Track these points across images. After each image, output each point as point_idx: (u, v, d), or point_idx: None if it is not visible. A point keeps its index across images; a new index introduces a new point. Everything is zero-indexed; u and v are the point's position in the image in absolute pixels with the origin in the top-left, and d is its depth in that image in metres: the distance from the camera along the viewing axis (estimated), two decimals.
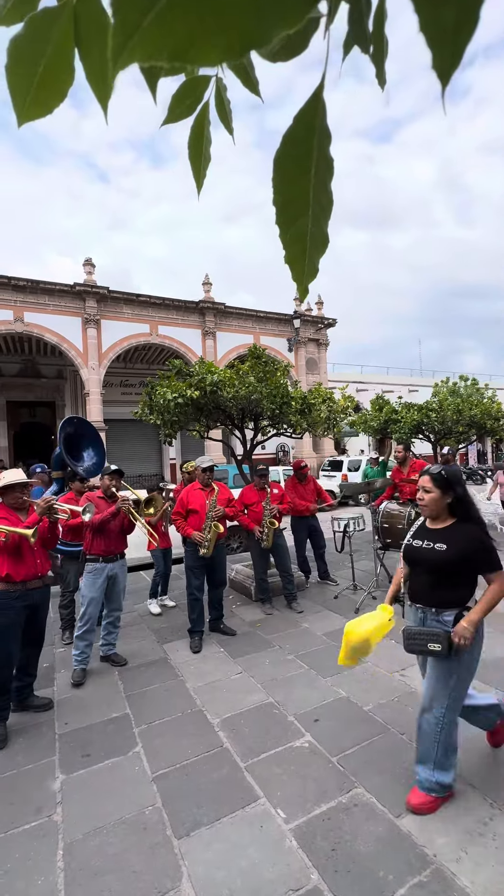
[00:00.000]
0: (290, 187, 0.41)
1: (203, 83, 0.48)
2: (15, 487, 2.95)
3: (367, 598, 4.83)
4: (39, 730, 2.84)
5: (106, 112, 0.40)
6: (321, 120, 0.39)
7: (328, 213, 0.43)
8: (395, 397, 9.51)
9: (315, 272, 0.46)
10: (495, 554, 1.99)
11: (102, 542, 3.59)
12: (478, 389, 8.43)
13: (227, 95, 0.51)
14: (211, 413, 5.36)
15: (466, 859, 1.78)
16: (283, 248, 0.45)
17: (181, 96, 0.48)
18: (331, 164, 0.42)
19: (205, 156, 0.53)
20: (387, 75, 0.47)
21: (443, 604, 2.04)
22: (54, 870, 1.84)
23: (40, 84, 0.37)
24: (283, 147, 0.40)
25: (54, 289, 13.19)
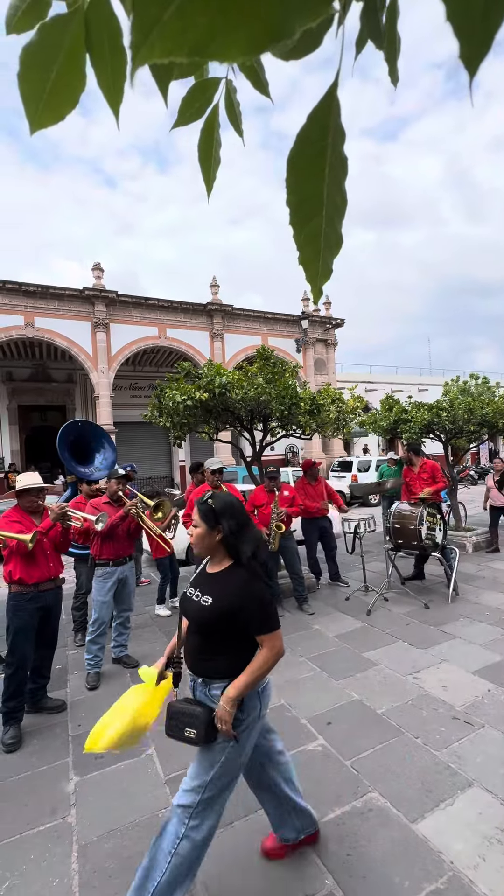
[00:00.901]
0: (304, 187, 0.41)
1: (213, 86, 0.48)
2: (31, 491, 2.97)
3: (379, 600, 4.79)
4: (53, 731, 2.86)
5: (118, 117, 0.40)
6: (335, 118, 0.38)
7: (342, 213, 0.43)
8: (404, 397, 9.42)
9: (329, 273, 0.45)
10: (272, 610, 1.59)
11: (111, 547, 3.60)
12: (489, 388, 8.31)
13: (236, 98, 0.51)
14: (220, 415, 5.37)
15: (484, 866, 1.75)
16: (297, 249, 0.44)
17: (191, 99, 0.48)
18: (345, 162, 0.41)
19: (214, 158, 0.53)
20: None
21: (210, 673, 1.59)
22: (69, 871, 1.85)
23: (52, 91, 0.37)
24: (297, 146, 0.40)
25: (64, 294, 13.33)
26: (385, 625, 4.19)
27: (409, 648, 3.70)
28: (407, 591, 4.94)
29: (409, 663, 3.43)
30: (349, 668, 3.40)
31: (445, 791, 2.13)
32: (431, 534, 4.92)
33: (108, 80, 0.38)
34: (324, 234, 0.43)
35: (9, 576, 2.90)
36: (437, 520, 5.05)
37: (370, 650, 3.69)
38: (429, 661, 3.46)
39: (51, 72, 0.37)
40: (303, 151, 0.40)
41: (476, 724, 2.64)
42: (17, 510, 2.98)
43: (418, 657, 3.53)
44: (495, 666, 3.31)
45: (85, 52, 0.37)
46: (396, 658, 3.53)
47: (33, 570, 2.93)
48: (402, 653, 3.62)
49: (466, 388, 8.25)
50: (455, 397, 7.60)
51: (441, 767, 2.29)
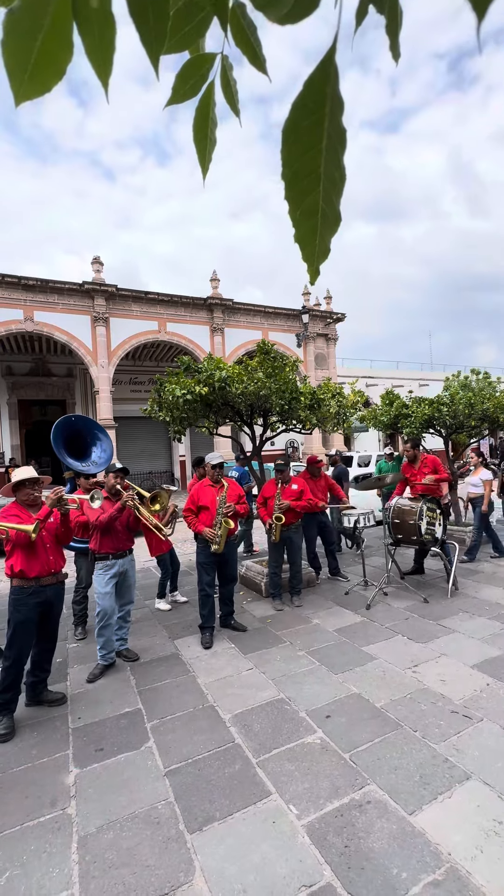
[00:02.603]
0: (299, 160, 0.38)
1: (208, 61, 0.46)
2: (25, 483, 2.97)
3: (379, 595, 4.80)
4: (53, 724, 2.87)
5: (107, 89, 0.38)
6: (333, 87, 0.36)
7: (340, 190, 0.40)
8: (405, 392, 9.39)
9: (327, 252, 0.43)
10: None
11: (110, 540, 3.59)
12: (490, 383, 8.28)
13: (232, 75, 0.49)
14: (220, 409, 5.35)
15: (482, 858, 1.76)
16: (293, 226, 0.42)
17: (185, 75, 0.46)
18: (343, 135, 0.39)
19: (210, 139, 0.51)
20: (392, 66, 0.44)
21: None
22: (69, 862, 1.86)
23: (38, 61, 0.35)
24: (292, 116, 0.37)
25: (63, 288, 13.26)
26: (384, 619, 4.20)
27: (408, 643, 3.70)
28: (406, 585, 4.94)
29: (409, 657, 3.44)
30: (348, 662, 3.41)
31: (444, 784, 2.14)
32: (431, 529, 4.92)
33: (97, 49, 0.36)
34: (321, 211, 0.41)
35: (10, 569, 2.90)
36: (437, 515, 5.04)
37: (369, 644, 3.70)
38: (428, 655, 3.47)
39: (35, 40, 0.35)
40: (298, 121, 0.37)
41: (475, 717, 2.65)
42: (15, 505, 2.98)
43: (417, 651, 3.54)
44: (494, 660, 3.32)
45: (72, 20, 0.35)
46: (396, 652, 3.54)
47: (34, 563, 2.92)
48: (401, 647, 3.63)
49: (467, 383, 8.21)
50: (456, 392, 7.57)
51: (439, 760, 2.30)
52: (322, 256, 0.43)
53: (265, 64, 0.48)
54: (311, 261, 0.44)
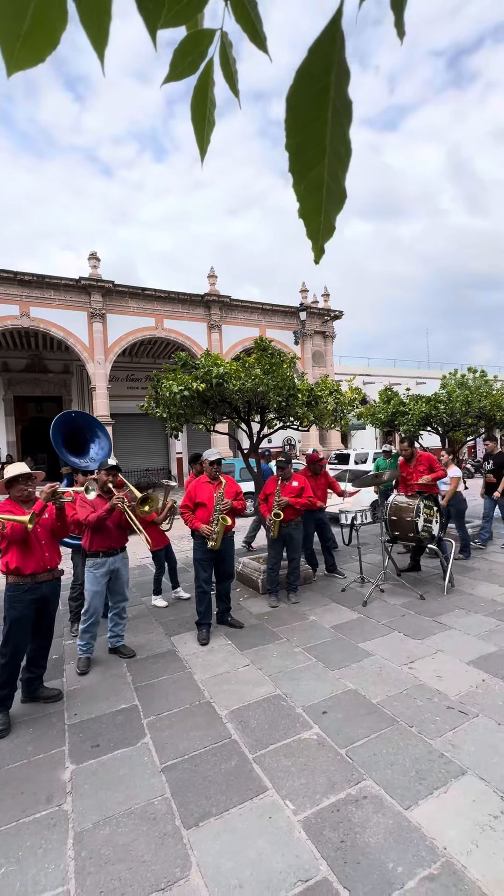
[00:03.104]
0: (304, 130, 0.37)
1: (207, 37, 0.45)
2: (18, 480, 2.94)
3: (375, 591, 4.81)
4: (49, 720, 2.86)
5: (103, 61, 0.36)
6: (339, 53, 0.35)
7: (346, 164, 0.39)
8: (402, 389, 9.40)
9: (332, 230, 0.41)
10: None
11: (101, 539, 3.55)
12: (487, 381, 8.31)
13: (232, 53, 0.48)
14: (217, 406, 5.33)
15: (477, 852, 1.76)
16: (297, 200, 0.40)
17: (183, 52, 0.44)
18: (349, 106, 0.37)
19: (209, 120, 0.50)
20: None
21: None
22: (64, 858, 1.86)
23: (30, 29, 0.34)
24: (296, 83, 0.36)
25: (59, 283, 13.17)
26: (381, 616, 4.21)
27: (404, 639, 3.71)
28: (403, 582, 4.96)
29: (405, 654, 3.45)
30: (345, 659, 3.42)
31: (439, 779, 2.15)
32: (428, 526, 4.93)
33: (93, 17, 0.35)
34: (326, 186, 0.40)
35: (5, 566, 2.88)
36: (434, 512, 5.05)
37: (366, 641, 3.70)
38: (424, 651, 3.48)
39: (28, 7, 0.34)
40: (303, 89, 0.36)
41: (470, 713, 2.66)
42: (8, 502, 2.95)
43: (414, 647, 3.55)
44: (490, 656, 3.33)
45: None
46: (392, 648, 3.55)
47: (29, 560, 2.91)
48: (397, 643, 3.64)
49: (464, 381, 8.24)
50: (453, 390, 7.59)
51: (435, 756, 2.31)
52: (327, 234, 0.42)
53: (266, 42, 0.47)
54: (316, 238, 0.42)
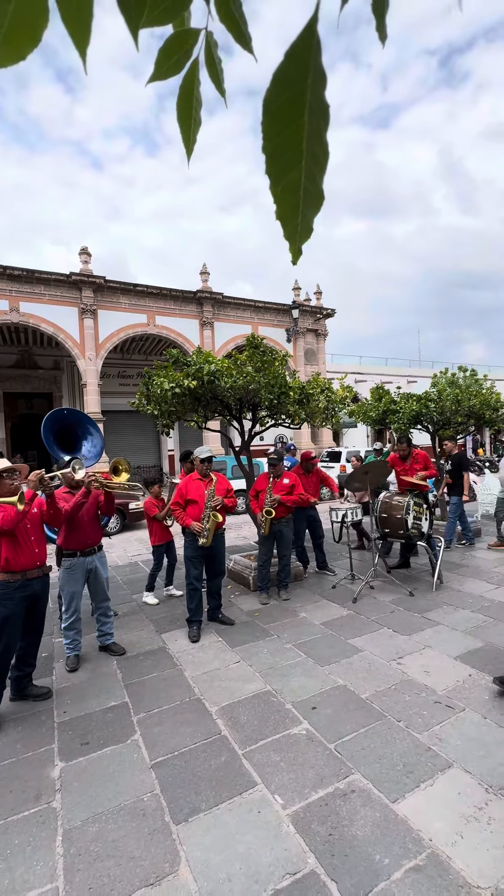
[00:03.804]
0: (281, 133, 0.38)
1: (192, 37, 0.45)
2: (2, 475, 2.88)
3: (365, 588, 4.85)
4: (38, 718, 2.85)
5: (84, 60, 0.36)
6: (315, 57, 0.35)
7: (323, 167, 0.40)
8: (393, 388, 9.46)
9: (309, 232, 0.42)
10: None
11: (77, 534, 3.47)
12: (477, 380, 8.39)
13: (217, 53, 0.48)
14: (209, 403, 5.33)
15: (462, 843, 1.80)
16: (275, 203, 0.41)
17: (168, 51, 0.44)
18: (326, 110, 0.38)
19: (195, 119, 0.50)
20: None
21: None
22: (53, 855, 1.86)
23: (11, 26, 0.34)
24: (272, 87, 0.36)
25: (50, 278, 13.03)
26: (370, 612, 4.25)
27: (393, 635, 3.76)
28: (392, 579, 5.01)
29: (394, 649, 3.49)
30: (335, 655, 3.45)
31: (426, 772, 2.18)
32: (418, 523, 4.98)
33: (74, 16, 0.35)
34: (303, 188, 0.40)
35: None
36: (424, 510, 5.11)
37: (356, 637, 3.74)
38: (413, 647, 3.52)
39: (8, 5, 0.33)
40: (280, 93, 0.36)
41: (457, 707, 2.70)
42: None
43: (402, 643, 3.59)
44: (476, 651, 3.38)
45: None
46: (381, 644, 3.58)
47: (19, 555, 2.88)
48: (386, 639, 3.68)
49: (455, 380, 8.31)
50: (443, 389, 7.65)
51: (422, 749, 2.34)
52: (304, 236, 0.43)
53: (251, 42, 0.47)
54: (293, 239, 0.43)
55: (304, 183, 0.40)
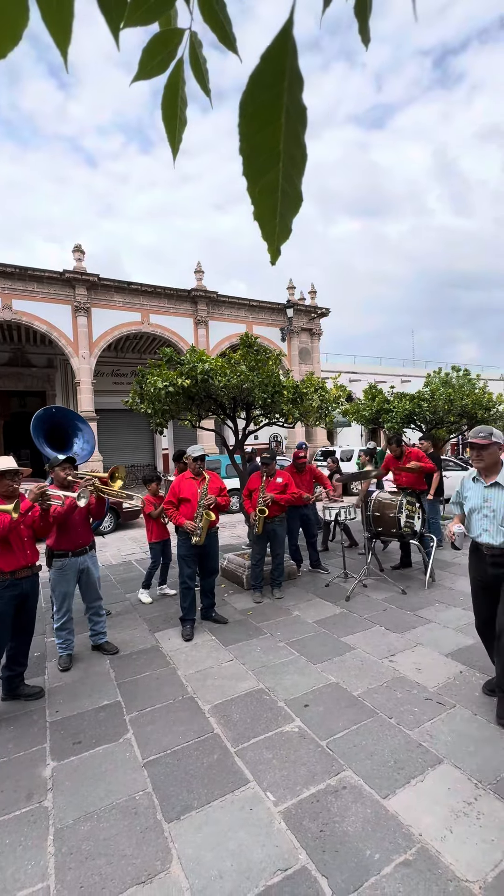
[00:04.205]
0: (257, 135, 0.38)
1: (175, 37, 0.45)
2: (5, 475, 2.90)
3: (358, 586, 4.87)
4: (30, 718, 2.84)
5: (65, 58, 0.37)
6: (292, 61, 0.36)
7: (301, 169, 0.40)
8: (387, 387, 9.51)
9: (288, 233, 0.42)
10: None
11: (68, 535, 3.44)
12: (469, 380, 8.46)
13: (202, 53, 0.48)
14: (202, 402, 5.32)
15: (451, 838, 1.82)
16: (252, 204, 0.41)
17: (152, 51, 0.44)
18: (303, 112, 0.38)
19: (180, 118, 0.50)
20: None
21: None
22: (44, 854, 1.86)
23: None
24: (249, 90, 0.37)
25: (43, 276, 12.93)
26: (363, 610, 4.27)
27: (386, 633, 3.78)
28: (385, 577, 5.03)
29: (386, 647, 3.51)
30: (327, 653, 3.46)
31: (417, 768, 2.20)
32: (410, 522, 5.01)
33: (54, 14, 0.35)
34: (281, 190, 0.40)
35: None
36: (416, 508, 5.14)
37: (348, 635, 3.76)
38: (405, 644, 3.55)
39: None
40: (256, 96, 0.37)
41: (448, 704, 2.72)
42: None
43: (394, 641, 3.61)
44: (467, 648, 3.41)
45: None
46: (374, 642, 3.61)
47: (10, 558, 2.87)
48: (379, 637, 3.70)
49: (448, 379, 8.36)
50: (437, 388, 7.70)
51: (413, 746, 2.36)
52: (283, 236, 0.43)
53: (235, 43, 0.47)
54: (272, 240, 0.43)
55: (282, 184, 0.40)
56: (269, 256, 0.44)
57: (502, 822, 1.88)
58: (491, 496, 2.63)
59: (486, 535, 2.64)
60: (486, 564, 2.65)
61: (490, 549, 2.62)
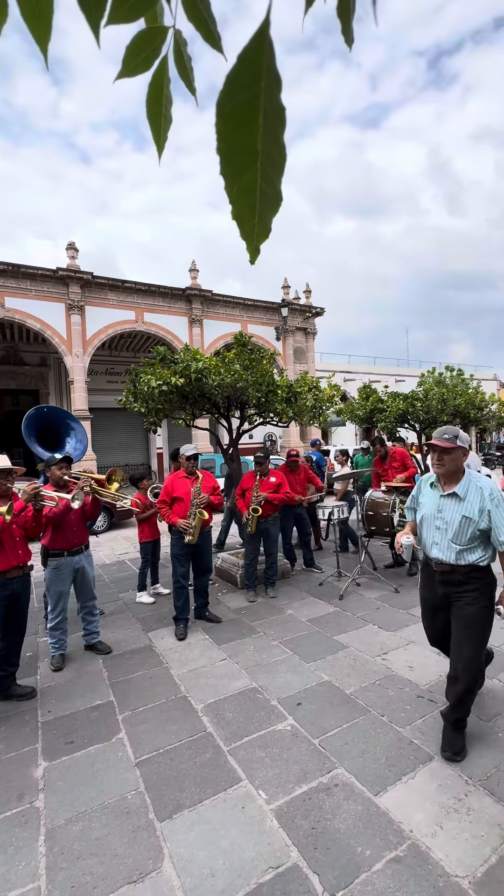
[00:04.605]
0: (235, 134, 0.38)
1: (160, 35, 0.45)
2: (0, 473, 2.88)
3: (352, 585, 4.89)
4: (22, 718, 2.83)
5: (46, 55, 0.36)
6: (269, 61, 0.36)
7: (281, 169, 0.40)
8: (382, 387, 9.55)
9: (267, 232, 0.43)
10: None
11: (64, 534, 3.44)
12: (463, 380, 8.51)
13: (187, 51, 0.48)
14: (196, 401, 5.31)
15: (441, 834, 1.83)
16: (230, 203, 0.41)
17: (136, 48, 0.44)
18: (282, 113, 0.38)
19: (165, 116, 0.50)
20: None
21: None
22: (35, 855, 1.85)
23: None
24: (225, 89, 0.37)
25: (36, 273, 12.83)
26: (356, 609, 4.29)
27: (378, 631, 3.80)
28: (378, 576, 5.06)
29: (378, 645, 3.53)
30: (320, 651, 3.47)
31: (408, 765, 2.22)
32: (403, 520, 5.03)
33: (34, 13, 0.35)
34: (259, 189, 0.41)
35: None
36: None
37: (341, 634, 3.77)
38: (397, 642, 3.57)
39: None
40: (233, 96, 0.37)
41: (439, 701, 2.74)
42: None
43: (387, 639, 3.63)
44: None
45: None
46: (366, 641, 3.62)
47: (1, 558, 2.86)
48: (371, 636, 3.72)
49: (442, 379, 8.41)
50: (430, 388, 7.74)
51: (404, 743, 2.38)
52: (262, 236, 0.43)
53: (220, 41, 0.47)
54: (250, 239, 0.43)
55: (261, 184, 0.40)
56: (248, 255, 0.44)
57: (492, 817, 1.90)
58: (445, 507, 2.30)
59: (435, 548, 2.34)
60: (436, 582, 2.37)
61: (440, 566, 2.33)
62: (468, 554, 2.25)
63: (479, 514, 2.19)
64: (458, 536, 2.25)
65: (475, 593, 2.25)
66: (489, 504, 2.18)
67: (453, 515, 2.26)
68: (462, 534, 2.23)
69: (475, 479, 2.28)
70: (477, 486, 2.24)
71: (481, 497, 2.21)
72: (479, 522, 2.19)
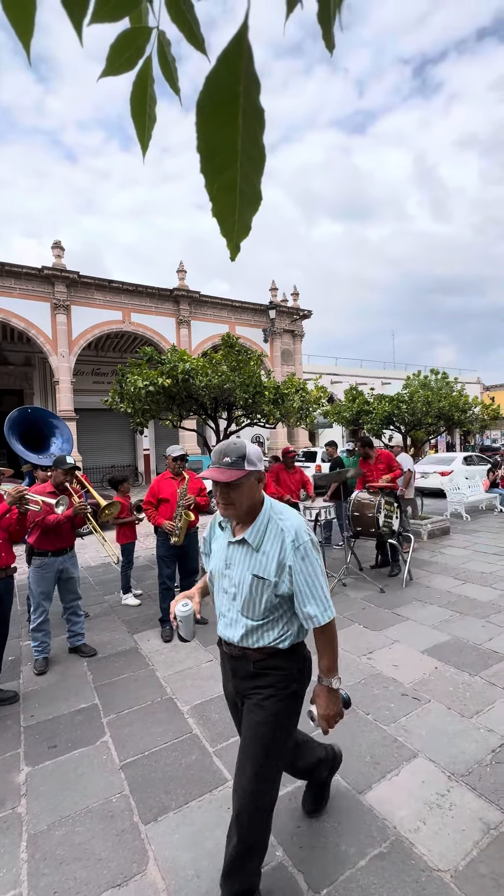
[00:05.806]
0: (215, 135, 0.39)
1: (143, 35, 0.46)
2: None
3: (338, 585, 4.92)
4: (4, 723, 2.78)
5: (28, 51, 0.37)
6: (247, 64, 0.37)
7: (260, 169, 0.41)
8: (367, 389, 9.65)
9: (247, 230, 0.44)
10: None
11: (53, 539, 3.45)
12: (447, 383, 8.65)
13: (171, 52, 0.49)
14: (183, 402, 5.30)
15: (424, 829, 1.86)
16: (210, 200, 0.42)
17: (120, 48, 0.45)
18: (261, 115, 0.40)
19: (149, 115, 0.50)
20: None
21: None
22: (17, 861, 1.82)
23: None
24: (205, 90, 0.38)
25: (21, 272, 12.66)
26: (342, 609, 4.32)
27: (364, 631, 3.83)
28: (364, 576, 5.10)
29: (364, 645, 3.56)
30: None
31: (392, 763, 2.24)
32: (389, 521, 5.09)
33: (16, 7, 0.35)
34: (239, 188, 0.42)
35: None
36: (394, 508, 5.23)
37: None
38: (382, 642, 3.60)
39: None
40: (213, 96, 0.38)
41: (423, 699, 2.78)
42: None
43: (372, 639, 3.67)
44: (443, 645, 3.49)
45: None
46: (352, 640, 3.65)
47: None
48: (357, 635, 3.75)
49: (427, 382, 8.54)
50: (416, 391, 7.85)
51: (389, 741, 2.40)
52: (242, 234, 0.44)
53: (204, 43, 0.48)
54: (231, 237, 0.44)
55: (240, 183, 0.41)
56: (229, 253, 0.45)
57: (473, 812, 1.93)
58: (234, 559, 1.51)
59: (222, 622, 1.58)
60: (226, 668, 1.66)
61: (228, 647, 1.58)
62: (265, 632, 1.49)
63: (277, 571, 1.43)
64: (250, 607, 1.47)
65: (269, 690, 1.50)
66: (291, 556, 1.42)
67: (243, 573, 1.48)
68: (255, 602, 1.46)
69: (278, 515, 1.49)
70: (278, 527, 1.46)
71: (281, 545, 1.44)
72: (279, 585, 1.44)
